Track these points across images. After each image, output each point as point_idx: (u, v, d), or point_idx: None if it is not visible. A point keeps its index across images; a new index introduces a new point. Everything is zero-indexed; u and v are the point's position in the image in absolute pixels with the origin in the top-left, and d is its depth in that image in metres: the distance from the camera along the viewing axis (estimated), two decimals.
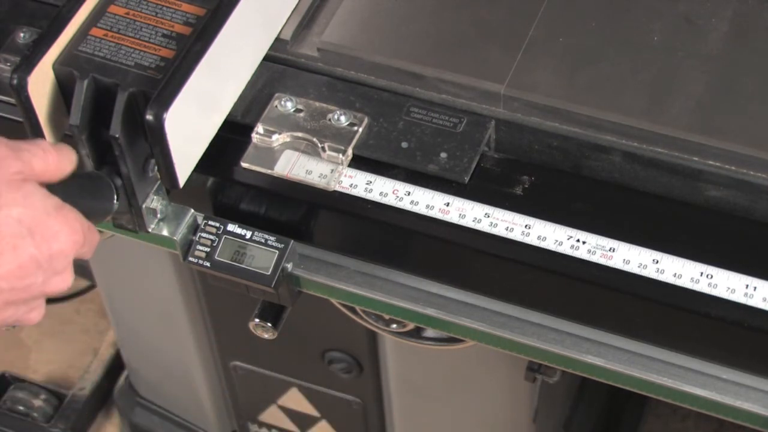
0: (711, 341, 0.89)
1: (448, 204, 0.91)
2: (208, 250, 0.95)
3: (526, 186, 0.92)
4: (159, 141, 0.85)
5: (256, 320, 1.04)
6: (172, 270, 1.35)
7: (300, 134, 0.95)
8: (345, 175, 0.93)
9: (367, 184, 0.93)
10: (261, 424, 1.59)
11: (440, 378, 1.35)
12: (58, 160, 0.87)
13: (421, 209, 0.91)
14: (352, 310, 1.19)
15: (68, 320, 1.99)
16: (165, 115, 0.84)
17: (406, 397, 1.41)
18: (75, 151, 0.88)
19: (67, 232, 0.83)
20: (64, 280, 0.86)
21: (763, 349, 0.87)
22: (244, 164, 0.94)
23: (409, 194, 0.92)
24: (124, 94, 0.85)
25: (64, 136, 0.89)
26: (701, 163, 0.91)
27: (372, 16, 1.00)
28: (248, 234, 0.95)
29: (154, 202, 0.92)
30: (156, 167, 0.89)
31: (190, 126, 0.89)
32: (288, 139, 0.95)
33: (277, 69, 0.99)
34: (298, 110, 0.96)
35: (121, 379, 1.75)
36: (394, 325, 1.21)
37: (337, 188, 0.93)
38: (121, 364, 1.75)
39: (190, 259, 0.95)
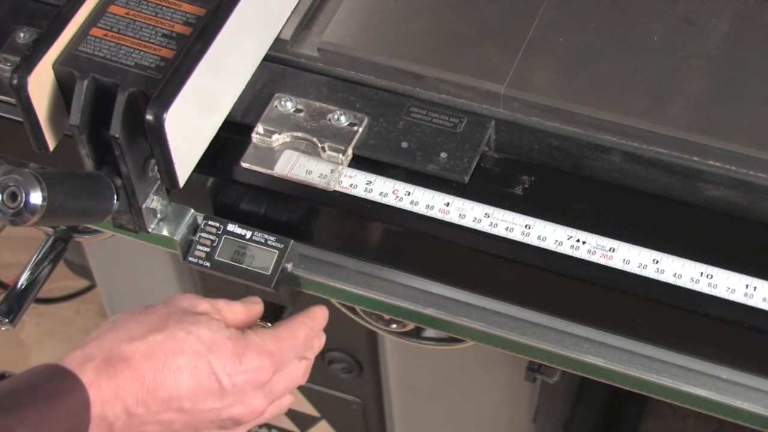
0: (711, 341, 0.89)
1: (448, 204, 0.91)
2: (208, 250, 0.95)
3: (526, 186, 0.92)
4: (159, 141, 0.85)
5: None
6: (172, 270, 1.35)
7: (300, 134, 0.95)
8: (345, 175, 0.93)
9: (367, 184, 0.93)
10: (261, 424, 1.59)
11: (440, 378, 1.35)
12: (245, 309, 0.91)
13: (421, 209, 0.91)
14: (352, 310, 1.20)
15: (68, 320, 1.99)
16: (165, 115, 0.84)
17: (406, 397, 1.41)
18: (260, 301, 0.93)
19: (251, 355, 0.86)
20: (251, 407, 0.88)
21: (763, 349, 0.87)
22: (244, 164, 0.94)
23: (409, 194, 0.92)
24: (124, 94, 0.85)
25: (64, 136, 0.89)
26: (701, 163, 0.91)
27: (372, 16, 1.00)
28: (248, 234, 0.95)
29: (154, 202, 0.92)
30: (156, 167, 0.89)
31: (190, 126, 0.89)
32: (288, 139, 0.95)
33: (277, 69, 0.99)
34: (298, 110, 0.96)
35: None
36: (394, 325, 1.21)
37: (337, 188, 0.93)
38: None
39: (190, 259, 0.95)
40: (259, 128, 0.95)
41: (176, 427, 0.85)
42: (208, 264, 0.95)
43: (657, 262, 0.87)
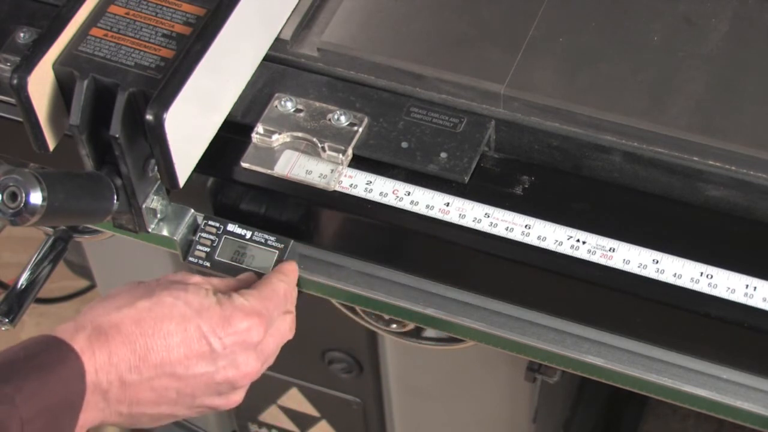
0: (711, 341, 0.89)
1: (448, 204, 0.91)
2: (208, 250, 0.95)
3: (526, 186, 0.92)
4: (159, 141, 0.85)
5: None
6: (172, 270, 1.35)
7: (300, 134, 0.95)
8: (345, 175, 0.93)
9: (367, 184, 0.93)
10: (261, 424, 1.59)
11: (440, 378, 1.35)
12: (237, 280, 0.92)
13: (421, 209, 0.91)
14: (352, 310, 1.20)
15: (68, 320, 1.99)
16: (165, 115, 0.84)
17: (406, 397, 1.41)
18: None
19: (239, 316, 0.87)
20: (242, 368, 0.88)
21: (763, 349, 0.87)
22: (244, 164, 0.94)
23: (409, 194, 0.92)
24: (124, 94, 0.85)
25: (64, 136, 0.89)
26: (701, 163, 0.91)
27: (372, 16, 1.00)
28: (248, 234, 0.95)
29: (154, 202, 0.92)
30: (156, 167, 0.89)
31: (190, 126, 0.89)
32: (288, 139, 0.95)
33: (277, 69, 0.99)
34: (298, 110, 0.96)
35: None
36: (394, 325, 1.21)
37: (337, 188, 0.93)
38: None
39: (190, 259, 0.95)
40: (259, 128, 0.95)
41: (171, 394, 0.86)
42: (208, 264, 0.95)
43: (657, 262, 0.87)
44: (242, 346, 0.88)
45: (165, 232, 0.94)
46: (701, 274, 0.86)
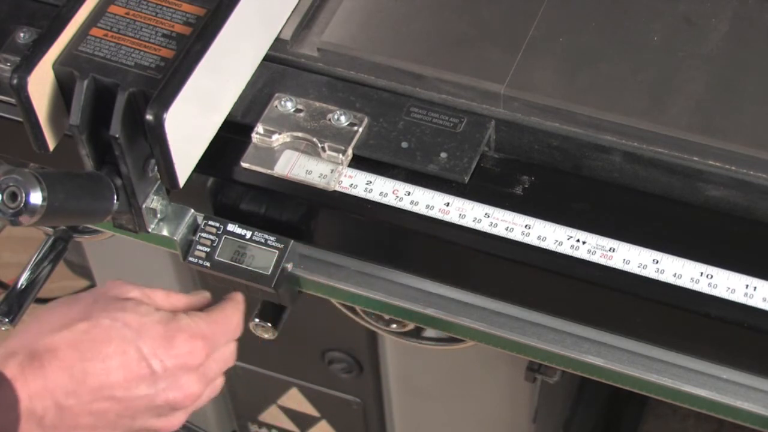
0: (711, 341, 0.89)
1: (448, 204, 0.91)
2: (208, 250, 0.95)
3: (526, 186, 0.92)
4: (159, 141, 0.85)
5: (256, 320, 1.04)
6: (172, 270, 1.35)
7: (300, 134, 0.95)
8: (345, 175, 0.93)
9: (367, 184, 0.93)
10: (261, 424, 1.59)
11: (440, 378, 1.35)
12: (183, 296, 0.90)
13: (421, 209, 0.91)
14: (352, 310, 1.19)
15: None
16: (165, 115, 0.84)
17: (406, 397, 1.41)
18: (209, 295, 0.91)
19: (182, 338, 0.84)
20: (186, 390, 0.86)
21: (763, 349, 0.87)
22: (244, 164, 0.94)
23: (409, 194, 0.92)
24: (124, 94, 0.85)
25: (64, 136, 0.89)
26: (701, 163, 0.91)
27: (372, 16, 1.00)
28: (248, 234, 0.95)
29: (154, 202, 0.92)
30: (156, 167, 0.89)
31: (190, 126, 0.89)
32: (288, 139, 0.95)
33: (277, 69, 0.99)
34: (298, 110, 0.96)
35: None
36: (394, 325, 1.21)
37: (337, 188, 0.93)
38: None
39: (190, 259, 0.95)
40: (259, 128, 0.95)
41: (110, 417, 0.83)
42: (208, 264, 0.95)
43: (657, 262, 0.87)
44: (183, 368, 0.85)
45: (165, 232, 0.94)
46: (701, 274, 0.86)
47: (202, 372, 0.87)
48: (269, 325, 1.04)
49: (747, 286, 0.86)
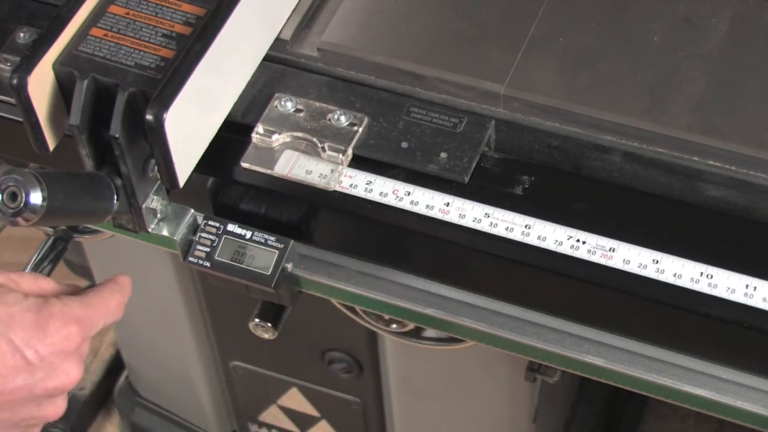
0: (711, 341, 0.89)
1: (448, 204, 0.91)
2: (208, 250, 0.95)
3: (526, 186, 0.92)
4: (159, 141, 0.85)
5: (256, 320, 1.04)
6: (172, 270, 1.35)
7: (300, 134, 0.95)
8: (345, 175, 0.93)
9: (367, 184, 0.93)
10: (261, 424, 1.59)
11: (440, 378, 1.35)
12: (51, 282, 0.86)
13: (421, 209, 0.91)
14: (352, 310, 1.19)
15: None
16: (165, 115, 0.84)
17: (406, 397, 1.41)
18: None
19: (56, 325, 0.81)
20: (68, 375, 0.83)
21: (763, 349, 0.87)
22: (244, 164, 0.94)
23: (409, 194, 0.92)
24: (124, 94, 0.85)
25: (64, 136, 0.89)
26: (701, 163, 0.91)
27: (372, 16, 1.00)
28: (248, 234, 0.95)
29: (154, 202, 0.92)
30: (156, 167, 0.89)
31: (190, 126, 0.89)
32: (288, 139, 0.95)
33: (277, 69, 0.99)
34: (298, 110, 0.96)
35: (121, 379, 1.75)
36: (394, 325, 1.21)
37: (337, 188, 0.93)
38: (121, 364, 1.75)
39: (190, 259, 0.95)
40: (259, 128, 0.95)
41: None
42: (208, 264, 0.95)
43: (657, 262, 0.87)
44: (60, 355, 0.82)
45: (165, 232, 0.94)
46: (701, 274, 0.86)
47: (78, 355, 0.85)
48: (269, 325, 1.04)
49: (747, 286, 0.86)
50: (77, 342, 0.84)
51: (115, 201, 0.88)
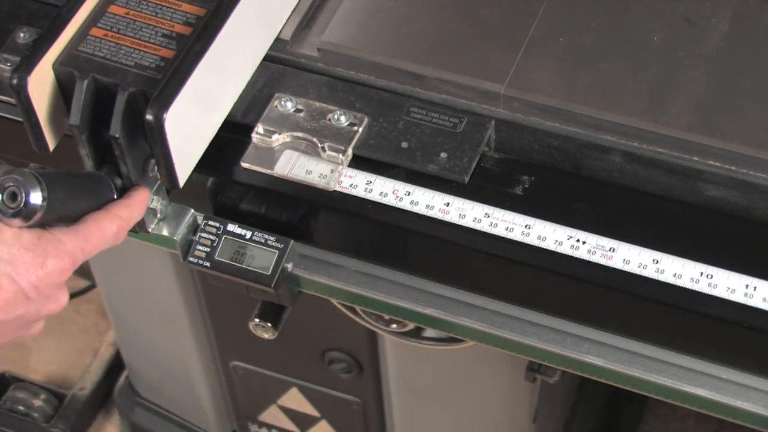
0: (711, 341, 0.89)
1: (448, 204, 0.91)
2: (208, 250, 0.95)
3: (526, 186, 0.92)
4: (159, 141, 0.85)
5: (256, 320, 1.04)
6: (172, 270, 1.35)
7: (300, 134, 0.95)
8: (345, 175, 0.93)
9: (367, 184, 0.93)
10: (261, 424, 1.59)
11: (440, 378, 1.35)
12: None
13: (421, 209, 0.91)
14: (352, 310, 1.19)
15: (68, 320, 1.99)
16: (165, 115, 0.84)
17: (406, 397, 1.41)
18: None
19: (52, 262, 0.84)
20: (58, 302, 0.87)
21: (763, 349, 0.87)
22: (244, 164, 0.94)
23: (409, 194, 0.92)
24: (124, 94, 0.85)
25: (64, 136, 0.89)
26: (701, 163, 0.91)
27: (372, 16, 1.00)
28: (248, 234, 0.95)
29: (154, 202, 0.92)
30: (156, 167, 0.89)
31: (190, 126, 0.89)
32: (288, 139, 0.95)
33: (277, 69, 0.99)
34: (298, 110, 0.96)
35: (121, 379, 1.75)
36: (394, 325, 1.21)
37: (337, 188, 0.93)
38: (121, 364, 1.75)
39: (190, 259, 0.95)
40: (259, 128, 0.95)
41: None
42: (208, 264, 0.95)
43: (657, 262, 0.87)
44: (54, 286, 0.86)
45: (165, 232, 0.94)
46: (701, 274, 0.86)
47: (64, 283, 0.88)
48: (269, 325, 1.04)
49: (747, 286, 0.86)
50: (69, 274, 0.87)
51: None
